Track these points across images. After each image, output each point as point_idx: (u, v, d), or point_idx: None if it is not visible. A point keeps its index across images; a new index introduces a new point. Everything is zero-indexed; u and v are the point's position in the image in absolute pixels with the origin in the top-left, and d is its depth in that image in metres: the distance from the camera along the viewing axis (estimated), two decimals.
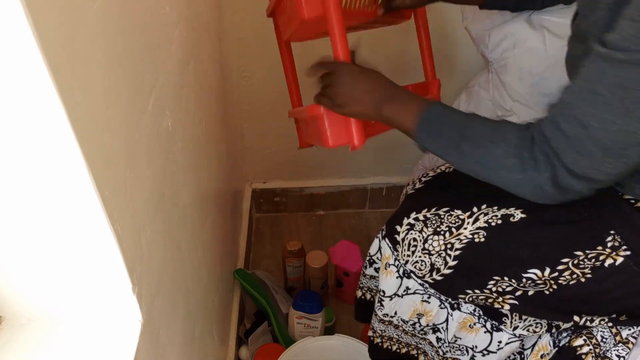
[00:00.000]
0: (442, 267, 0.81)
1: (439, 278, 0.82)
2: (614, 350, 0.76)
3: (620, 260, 0.72)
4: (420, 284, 0.86)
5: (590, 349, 0.77)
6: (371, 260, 0.98)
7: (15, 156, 0.39)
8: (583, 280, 0.73)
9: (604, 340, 0.77)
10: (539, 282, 0.75)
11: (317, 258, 1.33)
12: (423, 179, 0.96)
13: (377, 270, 0.99)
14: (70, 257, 0.47)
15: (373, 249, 0.97)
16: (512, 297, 0.79)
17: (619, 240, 0.72)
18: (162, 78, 0.63)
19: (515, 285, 0.78)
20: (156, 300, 0.59)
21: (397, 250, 0.85)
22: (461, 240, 0.79)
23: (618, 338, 0.77)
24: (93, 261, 0.48)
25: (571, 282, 0.74)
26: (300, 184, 1.66)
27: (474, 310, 0.86)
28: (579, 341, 0.78)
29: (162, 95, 0.62)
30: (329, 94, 0.76)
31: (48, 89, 0.35)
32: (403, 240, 0.83)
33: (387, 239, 0.87)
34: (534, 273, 0.75)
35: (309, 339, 1.18)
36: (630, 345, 0.76)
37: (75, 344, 0.51)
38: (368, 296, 1.07)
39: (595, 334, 0.78)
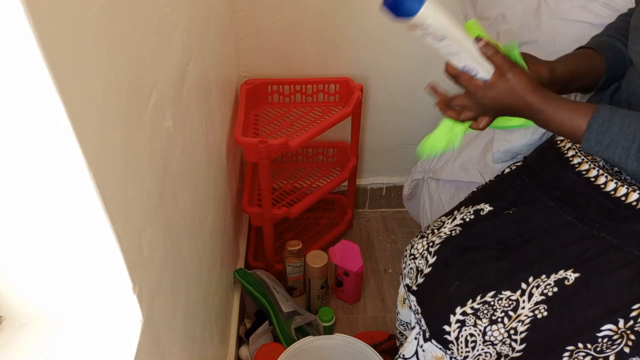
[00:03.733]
0: (510, 352, 0.74)
1: None
2: None
3: None
4: None
5: None
6: None
7: (16, 157, 0.39)
8: None
9: None
10: (615, 337, 0.70)
11: (317, 258, 1.33)
12: (432, 249, 0.87)
13: None
14: (70, 257, 0.47)
15: (408, 352, 0.87)
16: None
17: None
18: (163, 78, 0.63)
19: (592, 352, 0.71)
20: (156, 300, 0.59)
21: (450, 349, 0.78)
22: (523, 321, 0.73)
23: None
24: (93, 261, 0.48)
25: None
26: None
27: None
28: None
29: (163, 95, 0.62)
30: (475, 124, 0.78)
31: (49, 89, 0.35)
32: (457, 339, 0.77)
33: (433, 340, 0.80)
34: (609, 329, 0.70)
35: (309, 338, 1.18)
36: None
37: (75, 344, 0.51)
38: None
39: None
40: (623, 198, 0.75)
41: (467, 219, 0.88)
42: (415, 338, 0.85)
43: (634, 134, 0.66)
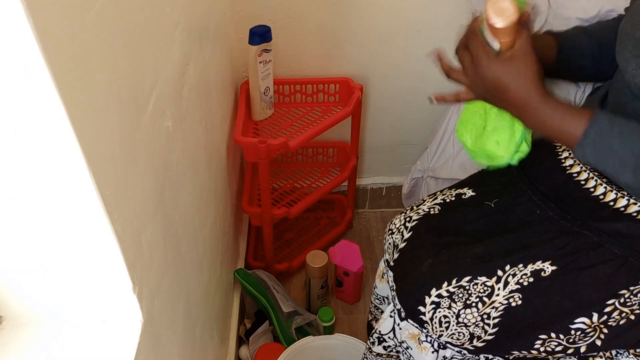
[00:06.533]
0: (483, 334, 0.76)
1: (480, 345, 0.78)
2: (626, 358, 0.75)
3: None
4: (457, 350, 0.81)
5: None
6: (381, 339, 0.91)
7: (16, 156, 0.39)
8: (633, 317, 0.71)
9: (619, 352, 0.76)
10: (588, 330, 0.72)
11: (317, 258, 1.33)
12: (408, 225, 0.88)
13: (386, 348, 0.91)
14: (70, 257, 0.47)
15: (385, 328, 0.89)
16: (563, 356, 0.76)
17: None
18: (163, 78, 0.63)
19: (564, 342, 0.74)
20: (156, 300, 0.59)
21: (425, 328, 0.80)
22: (497, 308, 0.75)
23: (632, 350, 0.76)
24: (93, 261, 0.48)
25: (621, 322, 0.72)
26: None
27: None
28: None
29: (163, 95, 0.62)
30: (469, 84, 0.72)
31: (49, 89, 0.35)
32: (432, 319, 0.78)
33: (409, 320, 0.81)
34: (582, 322, 0.72)
35: (309, 338, 1.18)
36: None
37: (75, 344, 0.51)
38: None
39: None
40: (611, 203, 0.75)
41: (448, 200, 0.90)
42: (391, 316, 0.87)
43: (632, 147, 0.63)
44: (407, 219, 0.90)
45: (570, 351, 0.75)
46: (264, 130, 1.31)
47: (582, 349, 0.74)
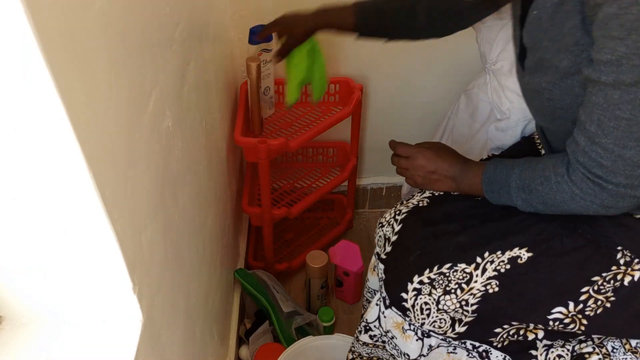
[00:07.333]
0: (463, 317, 0.78)
1: (462, 329, 0.79)
2: (623, 358, 0.76)
3: (638, 274, 0.71)
4: (442, 339, 0.82)
5: (600, 358, 0.76)
6: (367, 327, 0.92)
7: (16, 156, 0.39)
8: (609, 305, 0.72)
9: (614, 349, 0.76)
10: (567, 320, 0.73)
11: (317, 258, 1.33)
12: (398, 218, 0.91)
13: (372, 337, 0.92)
14: (70, 257, 0.47)
15: (371, 317, 0.90)
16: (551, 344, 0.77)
17: (629, 255, 0.72)
18: (163, 78, 0.63)
19: (543, 330, 0.76)
20: (156, 300, 0.59)
21: (408, 316, 0.80)
22: (475, 294, 0.76)
23: (627, 347, 0.76)
24: (93, 261, 0.48)
25: (598, 311, 0.72)
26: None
27: (504, 359, 0.82)
28: (587, 348, 0.77)
29: (163, 95, 0.62)
30: (409, 176, 0.91)
31: (49, 89, 0.35)
32: (413, 306, 0.79)
33: (393, 308, 0.82)
34: (559, 312, 0.73)
35: (309, 338, 1.18)
36: (638, 355, 0.75)
37: (75, 344, 0.51)
38: None
39: (605, 343, 0.77)
40: None
41: (436, 193, 0.91)
42: (377, 304, 0.87)
43: (508, 178, 0.77)
44: (397, 212, 0.92)
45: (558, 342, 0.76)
46: (264, 130, 1.31)
47: (567, 346, 0.75)
